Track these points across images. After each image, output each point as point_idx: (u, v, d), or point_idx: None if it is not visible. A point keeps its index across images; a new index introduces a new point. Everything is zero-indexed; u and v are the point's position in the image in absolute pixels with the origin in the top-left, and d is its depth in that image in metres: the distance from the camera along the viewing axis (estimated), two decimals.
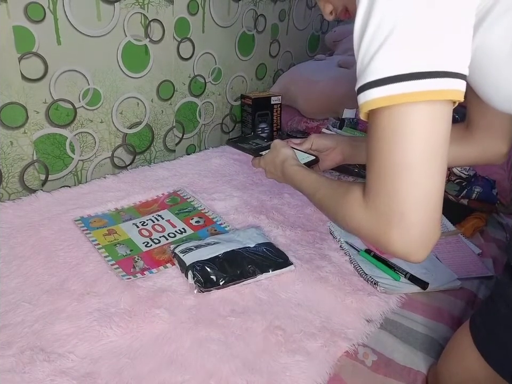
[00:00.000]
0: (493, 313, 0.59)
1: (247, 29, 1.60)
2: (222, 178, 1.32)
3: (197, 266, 0.83)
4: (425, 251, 0.46)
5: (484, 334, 0.60)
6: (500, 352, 0.58)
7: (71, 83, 1.16)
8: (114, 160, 1.34)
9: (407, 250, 0.46)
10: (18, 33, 1.02)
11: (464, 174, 1.14)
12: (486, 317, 0.61)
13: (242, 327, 0.74)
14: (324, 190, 0.63)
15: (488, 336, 0.59)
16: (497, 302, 0.58)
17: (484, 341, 0.60)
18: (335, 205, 0.57)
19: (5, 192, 1.12)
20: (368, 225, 0.48)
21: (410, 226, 0.44)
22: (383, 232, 0.46)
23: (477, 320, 0.62)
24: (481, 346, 0.60)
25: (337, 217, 0.56)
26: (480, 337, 0.60)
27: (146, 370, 0.66)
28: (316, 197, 0.65)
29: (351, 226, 0.52)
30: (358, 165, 1.31)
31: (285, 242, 0.99)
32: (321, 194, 0.63)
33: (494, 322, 0.59)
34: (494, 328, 0.59)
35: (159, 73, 1.35)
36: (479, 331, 0.61)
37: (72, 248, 0.94)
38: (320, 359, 0.69)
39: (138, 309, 0.77)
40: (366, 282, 0.87)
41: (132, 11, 1.21)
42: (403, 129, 0.43)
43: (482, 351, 0.59)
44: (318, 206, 0.65)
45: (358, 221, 0.50)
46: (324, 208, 0.62)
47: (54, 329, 0.72)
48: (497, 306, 0.58)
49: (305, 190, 0.70)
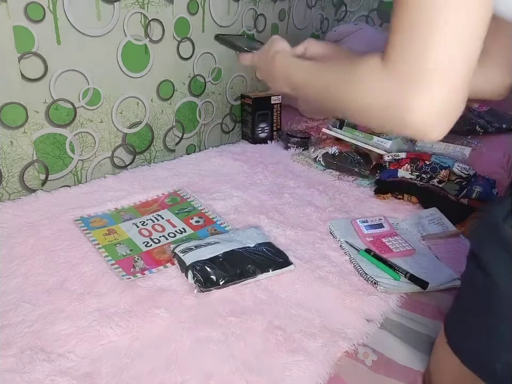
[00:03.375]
0: (461, 304, 0.59)
1: (247, 29, 1.59)
2: (222, 178, 1.32)
3: (197, 266, 0.83)
4: (446, 125, 0.42)
5: (455, 328, 0.61)
6: (471, 345, 0.57)
7: (71, 83, 1.15)
8: (114, 160, 1.34)
9: (429, 120, 0.41)
10: (18, 33, 1.02)
11: (464, 173, 1.14)
12: (456, 309, 0.61)
13: (242, 327, 0.74)
14: (326, 71, 0.55)
15: (458, 327, 0.60)
16: (466, 293, 0.58)
17: (455, 336, 0.60)
18: (343, 82, 0.49)
19: (5, 192, 1.12)
20: (387, 93, 0.43)
21: (439, 87, 0.40)
22: (404, 97, 0.41)
23: (450, 316, 0.63)
24: (452, 341, 0.60)
25: (345, 97, 0.49)
26: (452, 332, 0.61)
27: (146, 370, 0.66)
28: (315, 83, 0.57)
29: (365, 101, 0.46)
30: (358, 164, 1.31)
31: (285, 242, 0.99)
32: (324, 76, 0.55)
33: (464, 313, 0.59)
34: (463, 319, 0.59)
35: (159, 73, 1.35)
36: (452, 327, 0.61)
37: (72, 248, 0.94)
38: (320, 359, 0.69)
39: (138, 309, 0.77)
40: (366, 282, 0.87)
41: (132, 11, 1.21)
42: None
43: (453, 346, 0.59)
44: (319, 95, 0.56)
45: (374, 91, 0.44)
46: (326, 93, 0.54)
47: (54, 329, 0.72)
48: (466, 297, 0.58)
49: (302, 79, 0.60)
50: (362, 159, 1.32)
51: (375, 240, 1.00)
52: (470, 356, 0.57)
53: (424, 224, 1.07)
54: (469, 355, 0.57)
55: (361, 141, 1.33)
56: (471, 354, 0.57)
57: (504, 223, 0.49)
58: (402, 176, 1.22)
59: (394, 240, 1.00)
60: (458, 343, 0.59)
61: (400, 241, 1.00)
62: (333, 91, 0.51)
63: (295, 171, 1.39)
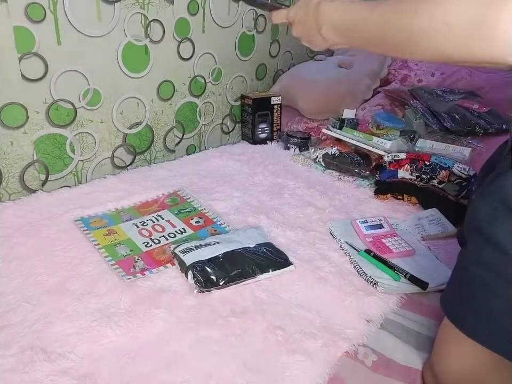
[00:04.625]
0: (463, 281, 0.59)
1: (247, 29, 1.60)
2: (222, 178, 1.32)
3: (197, 266, 0.83)
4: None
5: (456, 304, 0.60)
6: (473, 318, 0.57)
7: (71, 83, 1.16)
8: (114, 160, 1.34)
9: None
10: (19, 33, 1.02)
11: (464, 174, 1.14)
12: (456, 288, 0.61)
13: (242, 327, 0.74)
14: (389, 2, 0.50)
15: (461, 304, 0.59)
16: (467, 269, 0.58)
17: (457, 312, 0.60)
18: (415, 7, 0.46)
19: (5, 192, 1.12)
20: (476, 4, 0.41)
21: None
22: (494, 9, 0.39)
23: (447, 295, 0.63)
24: (455, 318, 0.60)
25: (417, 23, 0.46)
26: (453, 309, 0.61)
27: (146, 370, 0.66)
28: (375, 19, 0.52)
29: (448, 19, 0.43)
30: (358, 165, 1.31)
31: (285, 243, 0.99)
32: (386, 8, 0.50)
33: (469, 290, 0.58)
34: (465, 294, 0.59)
35: (159, 73, 1.35)
36: (452, 304, 0.61)
37: (72, 248, 0.94)
38: (320, 359, 0.69)
39: (138, 309, 0.77)
40: (366, 282, 0.87)
41: (132, 11, 1.21)
42: None
43: (457, 322, 0.59)
44: (376, 32, 0.52)
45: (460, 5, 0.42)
46: (386, 28, 0.50)
47: (54, 329, 0.72)
48: (468, 273, 0.58)
49: (358, 19, 0.55)
50: (362, 160, 1.32)
51: (375, 240, 1.00)
52: (482, 331, 0.56)
53: (424, 225, 1.08)
54: (480, 330, 0.56)
55: (361, 142, 1.33)
56: (482, 329, 0.56)
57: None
58: (402, 176, 1.22)
59: (394, 241, 1.00)
60: (467, 322, 0.59)
61: (400, 241, 1.00)
62: (397, 22, 0.48)
63: (295, 172, 1.39)
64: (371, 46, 0.55)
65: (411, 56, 0.51)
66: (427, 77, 1.68)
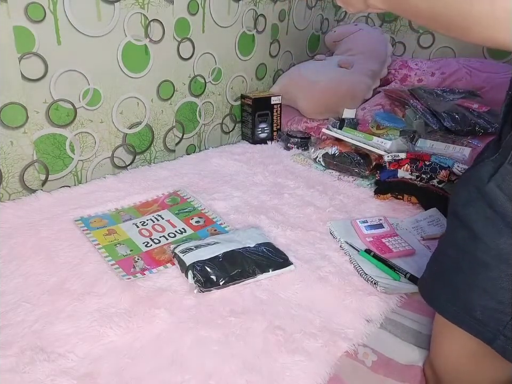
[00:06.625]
0: (437, 261, 0.64)
1: (247, 29, 1.60)
2: (222, 178, 1.32)
3: (197, 266, 0.83)
4: None
5: (430, 284, 0.65)
6: (444, 295, 0.61)
7: (71, 83, 1.16)
8: (114, 160, 1.34)
9: None
10: (19, 33, 1.02)
11: None
12: (432, 269, 0.66)
13: (242, 327, 0.74)
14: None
15: (433, 283, 0.64)
16: (445, 251, 0.62)
17: (430, 291, 0.65)
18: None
19: (5, 192, 1.12)
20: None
21: None
22: None
23: (423, 277, 0.67)
24: (428, 297, 0.65)
25: (475, 8, 0.42)
26: (427, 288, 0.65)
27: (146, 370, 0.66)
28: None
29: (505, 6, 0.40)
30: (358, 165, 1.31)
31: (285, 242, 0.99)
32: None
33: (442, 269, 0.62)
34: (438, 274, 0.63)
35: (159, 73, 1.35)
36: (426, 284, 0.66)
37: (72, 248, 0.94)
38: (320, 359, 0.69)
39: (138, 309, 0.77)
40: (366, 282, 0.87)
41: (132, 11, 1.21)
42: None
43: (429, 300, 0.64)
44: (430, 9, 0.47)
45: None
46: (445, 7, 0.45)
47: (54, 329, 0.72)
48: (442, 253, 0.62)
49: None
50: (362, 160, 1.32)
51: (375, 240, 1.00)
52: (450, 308, 0.60)
53: (424, 226, 1.08)
54: (448, 307, 0.61)
55: (361, 142, 1.33)
56: (450, 306, 0.60)
57: (489, 182, 0.54)
58: (402, 176, 1.22)
59: (394, 241, 1.00)
60: (438, 299, 0.63)
61: (400, 241, 1.00)
62: (455, 5, 0.44)
63: (295, 171, 1.39)
64: (417, 19, 0.51)
65: (457, 37, 0.47)
66: (427, 76, 1.68)
